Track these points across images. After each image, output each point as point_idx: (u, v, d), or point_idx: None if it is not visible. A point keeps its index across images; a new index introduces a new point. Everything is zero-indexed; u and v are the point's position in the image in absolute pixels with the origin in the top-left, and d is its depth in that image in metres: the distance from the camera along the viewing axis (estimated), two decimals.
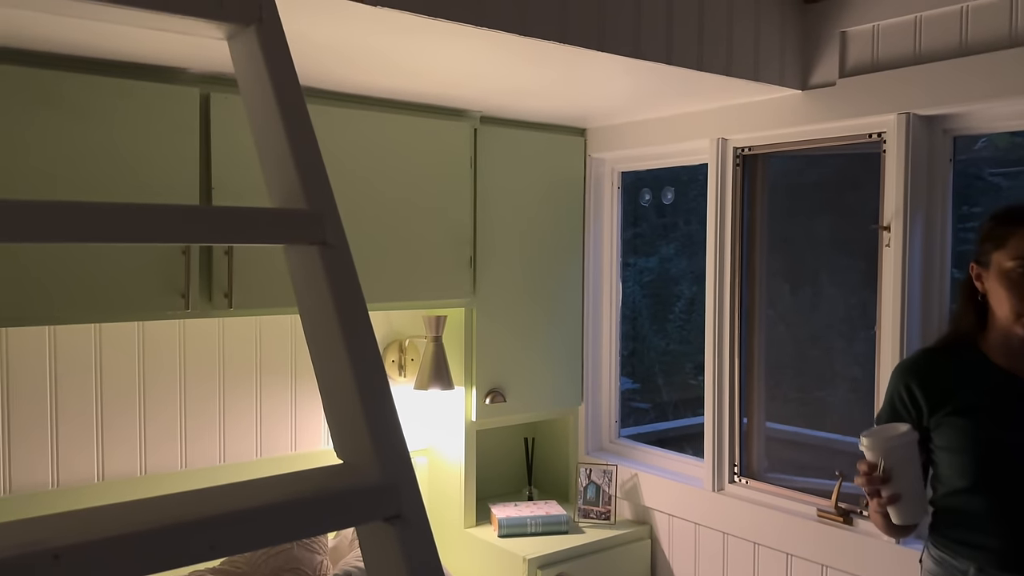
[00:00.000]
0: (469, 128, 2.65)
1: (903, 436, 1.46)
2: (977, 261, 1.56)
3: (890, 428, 1.51)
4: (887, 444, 1.45)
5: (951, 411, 1.54)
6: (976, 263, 1.56)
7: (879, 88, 2.14)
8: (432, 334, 2.67)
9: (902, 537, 1.73)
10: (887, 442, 1.45)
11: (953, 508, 1.57)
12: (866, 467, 1.47)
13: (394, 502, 0.79)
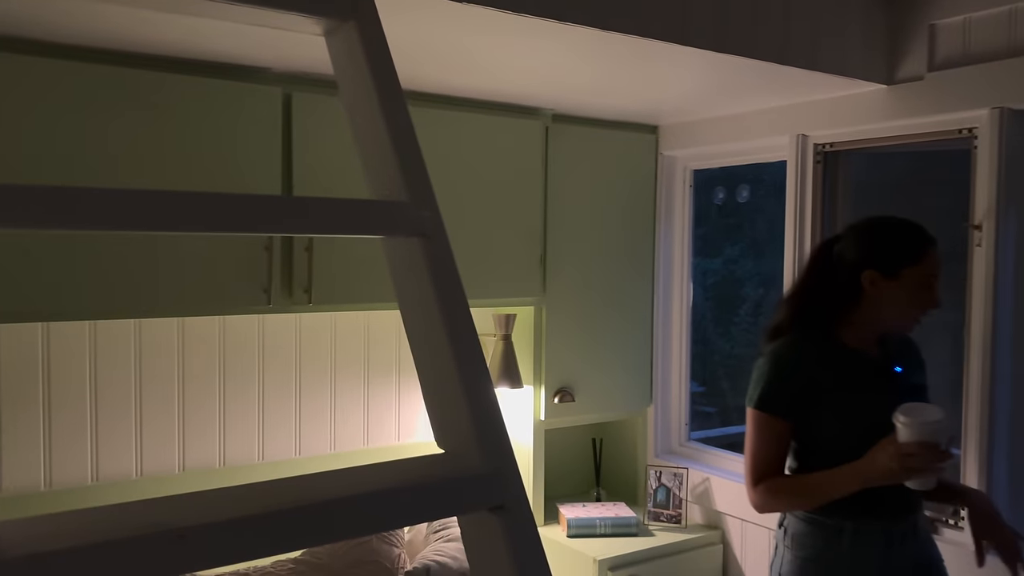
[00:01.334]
0: (541, 126, 2.64)
1: (944, 420, 1.60)
2: (879, 270, 1.72)
3: (929, 411, 1.62)
4: (933, 427, 1.58)
5: (834, 393, 1.72)
6: (876, 271, 1.72)
7: (970, 82, 2.06)
8: (501, 332, 2.67)
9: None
10: (933, 426, 1.58)
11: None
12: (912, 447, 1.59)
13: (498, 491, 0.78)
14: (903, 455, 1.57)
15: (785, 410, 1.75)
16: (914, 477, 1.61)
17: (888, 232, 1.76)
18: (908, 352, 1.88)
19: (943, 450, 1.58)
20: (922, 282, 1.72)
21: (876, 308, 1.75)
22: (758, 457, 1.76)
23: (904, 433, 1.59)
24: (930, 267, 1.72)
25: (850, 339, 1.79)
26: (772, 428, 1.76)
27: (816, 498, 1.72)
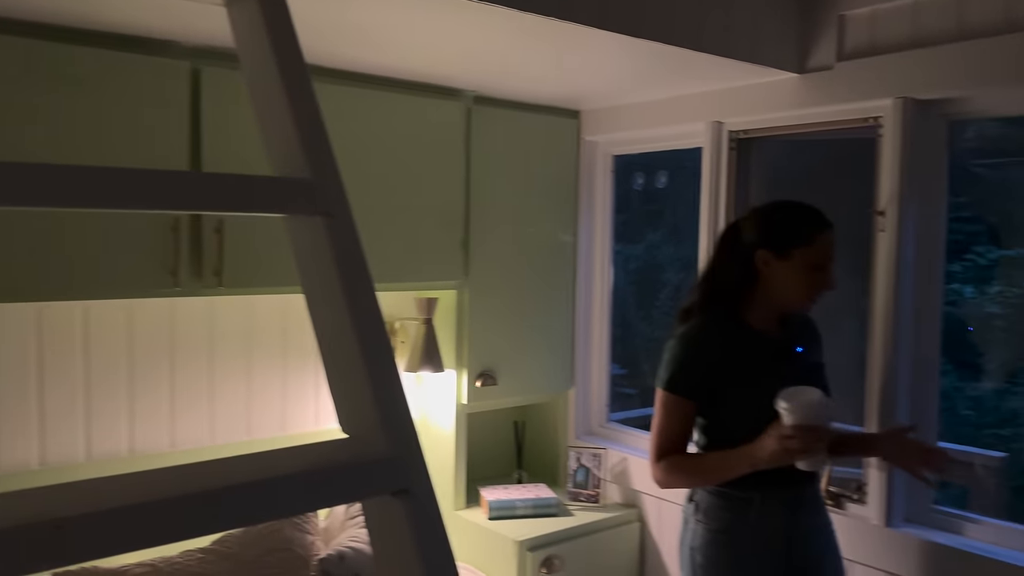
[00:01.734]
0: (463, 108, 2.62)
1: (822, 401, 1.68)
2: (771, 250, 1.79)
3: (807, 394, 1.68)
4: (813, 409, 1.66)
5: (739, 375, 1.80)
6: (769, 251, 1.79)
7: (877, 72, 2.13)
8: (423, 316, 2.65)
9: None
10: (812, 408, 1.66)
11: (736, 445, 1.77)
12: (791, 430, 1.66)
13: (402, 476, 0.77)
14: (784, 438, 1.65)
15: (691, 392, 1.82)
16: (800, 458, 1.68)
17: (783, 214, 1.84)
18: (808, 331, 1.97)
19: (823, 429, 1.65)
20: (814, 263, 1.78)
21: (771, 288, 1.83)
22: (663, 435, 1.84)
23: (786, 417, 1.66)
24: (822, 249, 1.79)
25: (754, 320, 1.86)
26: (679, 408, 1.83)
27: (711, 479, 1.81)
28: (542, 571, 2.53)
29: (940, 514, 2.13)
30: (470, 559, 2.66)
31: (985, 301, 4.62)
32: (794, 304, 1.85)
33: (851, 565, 2.20)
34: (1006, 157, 4.59)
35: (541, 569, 2.53)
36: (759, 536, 1.81)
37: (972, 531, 2.05)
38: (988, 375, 4.52)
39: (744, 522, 1.80)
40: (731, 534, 1.82)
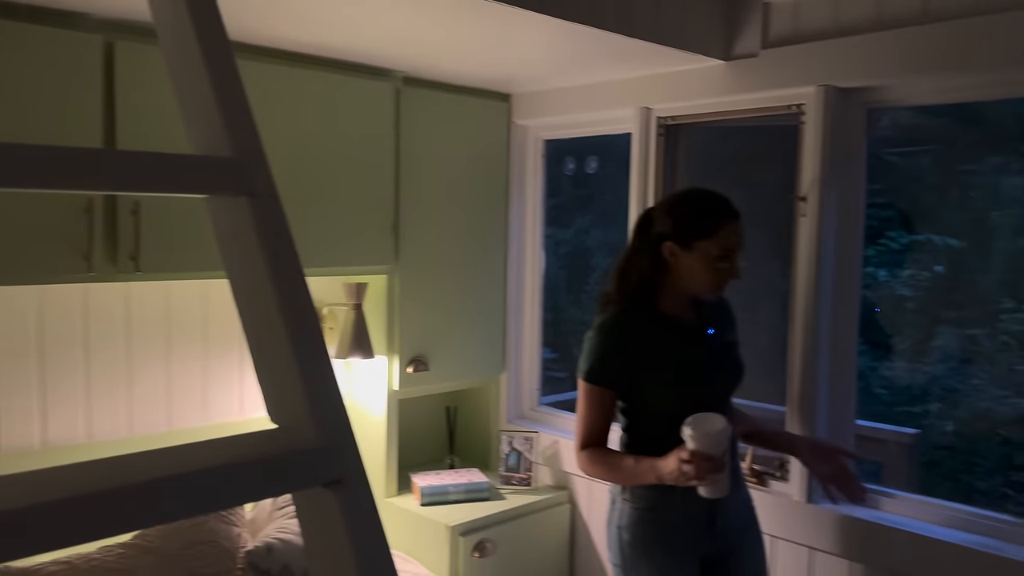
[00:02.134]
0: (391, 89, 2.57)
1: (724, 431, 1.70)
2: (676, 241, 1.83)
3: (711, 421, 1.71)
4: (712, 438, 1.68)
5: (658, 363, 1.85)
6: (674, 243, 1.83)
7: (800, 60, 2.18)
8: (352, 302, 2.60)
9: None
10: (711, 437, 1.68)
11: (659, 438, 1.80)
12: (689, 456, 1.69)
13: (335, 466, 0.75)
14: (683, 462, 1.69)
15: (610, 382, 1.86)
16: (696, 485, 1.72)
17: (687, 206, 1.87)
18: (721, 313, 2.03)
19: (719, 460, 1.68)
20: (717, 254, 1.81)
21: (679, 277, 1.87)
22: (584, 424, 1.88)
23: (688, 443, 1.70)
24: (725, 240, 1.81)
25: (667, 306, 1.90)
26: (599, 398, 1.87)
27: (622, 479, 1.87)
28: (474, 555, 2.53)
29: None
30: (402, 546, 2.64)
31: (897, 284, 4.83)
32: (702, 292, 1.89)
33: (775, 541, 2.27)
34: (917, 146, 4.79)
35: (473, 553, 2.53)
36: (684, 513, 1.85)
37: (887, 505, 2.14)
38: (900, 355, 4.73)
39: (670, 499, 1.84)
40: (657, 511, 1.86)
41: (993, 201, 4.52)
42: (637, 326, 1.87)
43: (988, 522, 1.97)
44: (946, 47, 1.92)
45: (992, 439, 4.18)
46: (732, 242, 1.82)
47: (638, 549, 1.87)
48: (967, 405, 4.37)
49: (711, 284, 1.85)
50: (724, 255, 1.82)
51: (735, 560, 1.94)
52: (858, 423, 2.28)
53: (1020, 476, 3.84)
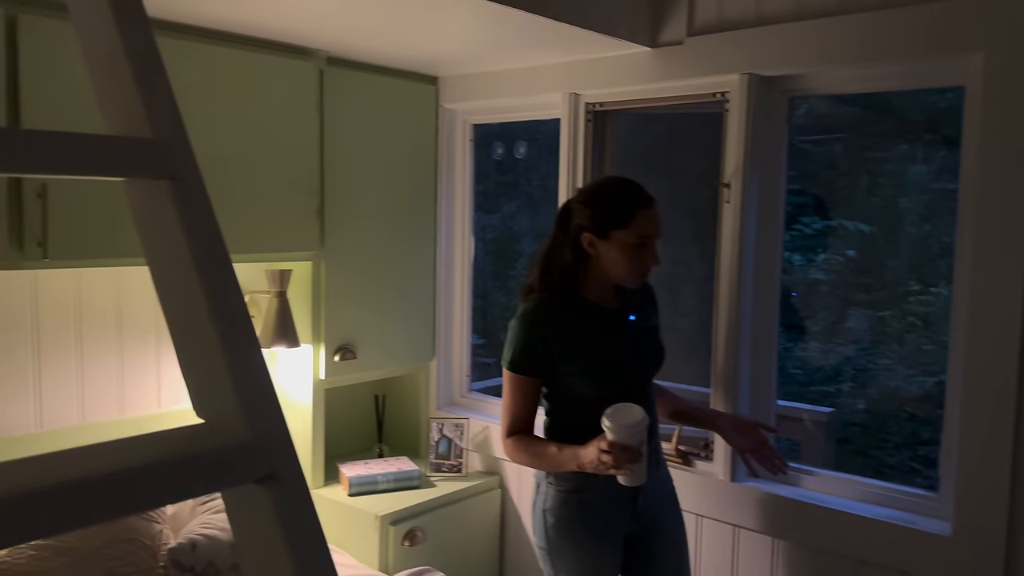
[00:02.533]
0: (315, 69, 2.50)
1: (642, 422, 1.73)
2: (593, 232, 1.85)
3: (629, 413, 1.74)
4: (630, 430, 1.71)
5: (580, 350, 1.87)
6: (592, 234, 1.85)
7: (724, 48, 2.22)
8: (276, 289, 2.53)
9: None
10: (629, 428, 1.71)
11: (583, 422, 1.83)
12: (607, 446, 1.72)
13: (267, 462, 0.72)
14: (602, 451, 1.72)
15: (533, 370, 1.88)
16: (615, 474, 1.75)
17: (602, 195, 1.89)
18: (643, 297, 2.05)
19: (636, 451, 1.72)
20: (634, 242, 1.84)
21: (600, 266, 1.89)
22: (510, 412, 1.91)
23: (607, 433, 1.73)
24: (640, 228, 1.83)
25: (590, 294, 1.93)
26: (523, 386, 1.90)
27: (546, 466, 1.89)
28: (404, 544, 2.51)
29: None
30: (330, 537, 2.60)
31: (811, 268, 5.01)
32: (623, 280, 1.90)
33: (700, 519, 2.33)
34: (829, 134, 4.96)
35: (403, 542, 2.51)
36: (607, 494, 1.88)
37: (807, 482, 2.21)
38: (814, 336, 4.91)
39: (593, 481, 1.86)
40: (580, 493, 1.89)
41: (900, 188, 4.73)
42: (558, 314, 1.89)
43: (900, 496, 2.06)
44: (860, 38, 1.98)
45: (900, 416, 4.40)
46: (648, 229, 1.84)
47: (562, 531, 1.90)
48: (877, 384, 4.57)
49: (631, 272, 1.87)
50: (641, 242, 1.84)
51: (656, 535, 1.99)
52: (778, 403, 2.35)
53: (926, 451, 4.05)
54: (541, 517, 1.93)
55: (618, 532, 1.94)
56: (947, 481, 1.96)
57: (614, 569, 1.96)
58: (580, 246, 1.88)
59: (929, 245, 4.59)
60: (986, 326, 1.82)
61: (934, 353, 4.32)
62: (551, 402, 1.96)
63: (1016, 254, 1.77)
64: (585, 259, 1.90)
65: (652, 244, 1.86)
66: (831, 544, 2.09)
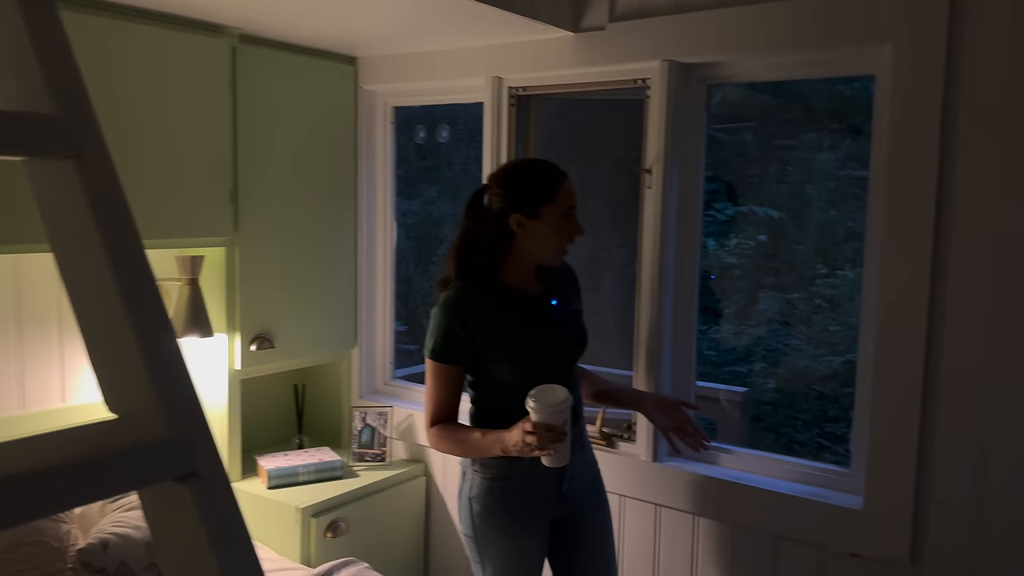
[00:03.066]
0: (227, 46, 2.40)
1: (565, 402, 1.74)
2: (522, 212, 1.85)
3: (553, 393, 1.75)
4: (554, 410, 1.72)
5: (500, 336, 1.87)
6: (520, 214, 1.85)
7: (645, 34, 2.23)
8: (187, 276, 2.42)
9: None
10: (553, 408, 1.72)
11: (507, 408, 1.84)
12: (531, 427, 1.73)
13: (188, 459, 0.68)
14: (527, 433, 1.73)
15: (454, 358, 1.88)
16: (539, 456, 1.75)
17: (523, 176, 1.91)
18: (565, 281, 2.06)
19: (560, 431, 1.73)
20: (561, 215, 1.87)
21: (528, 247, 1.90)
22: (432, 401, 1.90)
23: (532, 415, 1.74)
24: (565, 199, 1.88)
25: (512, 279, 1.93)
26: (444, 375, 1.89)
27: (470, 453, 1.89)
28: (327, 536, 2.46)
29: None
30: (251, 532, 2.52)
31: (724, 253, 5.15)
32: (550, 258, 1.92)
33: (623, 500, 2.37)
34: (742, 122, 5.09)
35: (326, 534, 2.46)
36: (533, 479, 1.89)
37: (725, 460, 2.28)
38: (727, 318, 5.06)
39: (519, 467, 1.87)
40: (506, 480, 1.89)
41: (808, 175, 4.90)
42: (479, 301, 1.88)
43: (814, 472, 2.14)
44: (776, 26, 2.02)
45: (809, 395, 4.58)
46: (571, 200, 1.89)
47: (487, 518, 1.90)
48: (787, 364, 4.75)
49: (559, 247, 1.90)
50: (567, 214, 1.88)
51: (580, 520, 2.00)
52: (700, 384, 2.41)
53: (834, 428, 4.24)
54: (467, 505, 1.92)
55: (543, 518, 1.95)
56: (858, 457, 2.04)
57: (539, 555, 1.97)
58: (506, 230, 1.88)
59: (835, 230, 4.78)
60: (895, 308, 1.90)
61: (840, 333, 4.51)
62: (475, 390, 1.95)
63: (923, 238, 1.86)
64: (507, 244, 1.89)
65: (575, 215, 1.90)
66: (749, 520, 2.15)
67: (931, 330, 1.87)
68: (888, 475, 1.93)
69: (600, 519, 2.07)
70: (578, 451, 1.94)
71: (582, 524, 2.01)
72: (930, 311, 1.86)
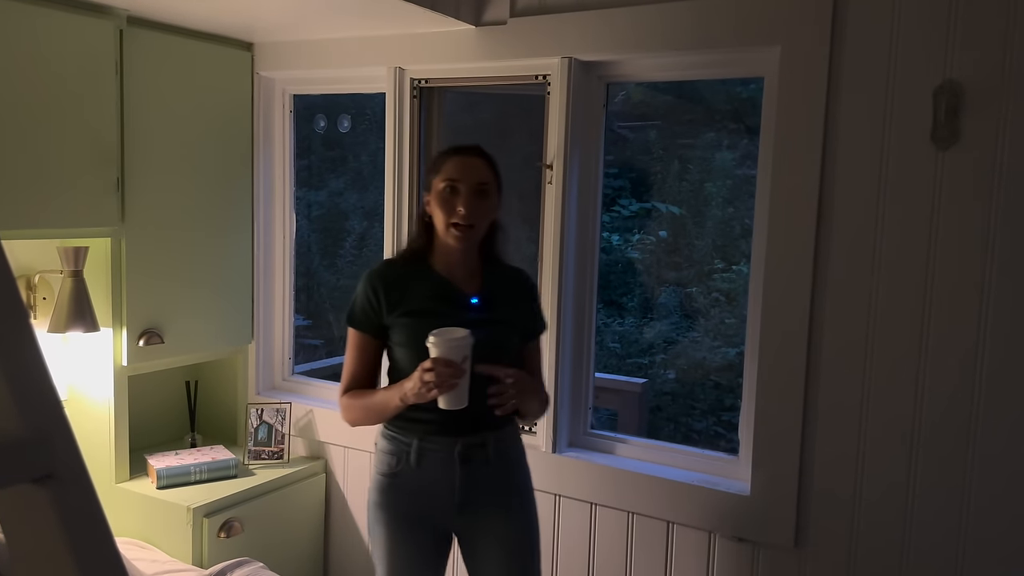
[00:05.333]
0: (113, 28, 2.28)
1: (465, 338, 1.69)
2: (426, 189, 1.85)
3: (453, 331, 1.71)
4: (452, 343, 1.68)
5: (403, 312, 1.82)
6: (426, 191, 1.85)
7: (545, 31, 2.25)
8: (70, 268, 2.30)
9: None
10: (452, 342, 1.68)
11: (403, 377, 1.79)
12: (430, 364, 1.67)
13: (44, 459, 0.65)
14: (424, 371, 1.67)
15: (364, 326, 1.85)
16: (439, 394, 1.68)
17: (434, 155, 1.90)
18: (510, 288, 1.92)
19: (459, 367, 1.66)
20: (442, 188, 1.78)
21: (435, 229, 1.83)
22: (346, 370, 1.88)
23: (431, 351, 1.69)
24: (446, 171, 1.79)
25: (437, 264, 1.86)
26: (358, 342, 1.87)
27: (373, 415, 1.84)
28: (220, 536, 2.39)
29: (596, 437, 2.39)
30: (139, 533, 2.43)
31: (627, 248, 5.26)
32: (444, 237, 1.81)
33: None
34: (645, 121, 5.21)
35: (219, 534, 2.39)
36: (422, 484, 1.81)
37: (621, 450, 2.33)
38: (630, 312, 5.17)
39: (405, 468, 1.82)
40: (395, 479, 1.83)
41: (707, 173, 5.06)
42: (396, 276, 1.85)
43: (705, 460, 2.22)
44: (670, 27, 2.07)
45: (707, 384, 4.74)
46: (452, 172, 1.78)
47: (375, 512, 1.86)
48: (686, 355, 4.89)
49: (444, 224, 1.79)
50: (449, 187, 1.78)
51: (482, 530, 1.87)
52: (597, 375, 2.45)
53: (729, 416, 4.40)
54: (368, 496, 1.90)
55: (431, 523, 1.85)
56: (745, 446, 2.13)
57: (424, 559, 1.87)
58: (424, 212, 1.86)
59: (732, 227, 4.95)
60: (778, 302, 1.99)
61: (735, 326, 4.68)
62: (388, 375, 1.89)
63: (805, 235, 1.94)
64: (431, 228, 1.85)
65: (461, 192, 1.78)
66: (644, 507, 2.21)
67: (812, 324, 1.96)
68: (773, 463, 2.02)
69: (504, 536, 1.87)
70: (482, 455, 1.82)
71: (484, 536, 1.87)
72: (811, 306, 1.95)
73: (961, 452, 1.83)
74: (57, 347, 2.48)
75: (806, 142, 1.93)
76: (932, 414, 1.85)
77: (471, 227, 1.79)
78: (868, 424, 1.92)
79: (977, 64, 1.75)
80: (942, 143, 1.79)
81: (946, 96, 1.77)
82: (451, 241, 1.80)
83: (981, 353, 1.80)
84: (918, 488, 1.88)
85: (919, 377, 1.86)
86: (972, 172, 1.77)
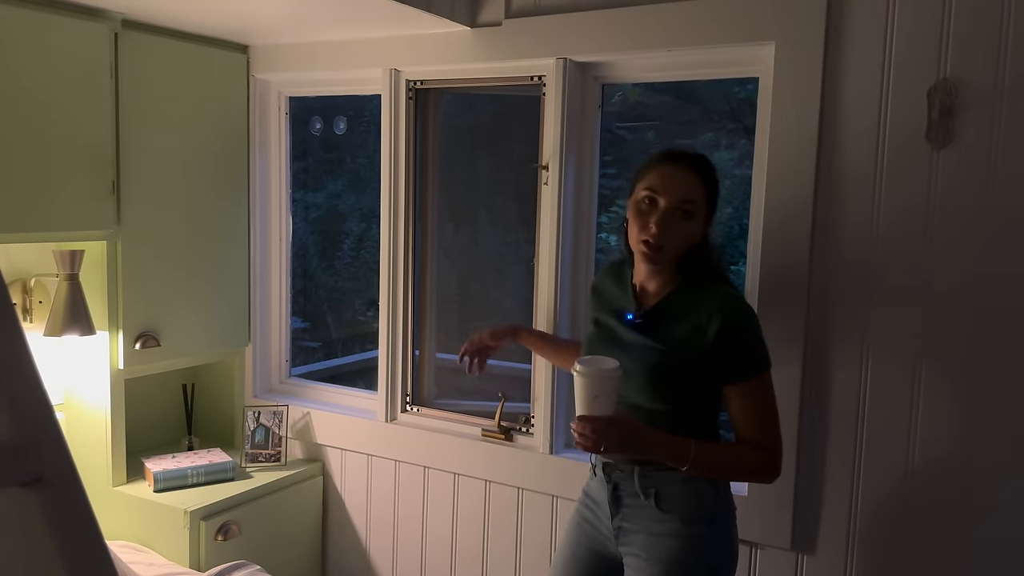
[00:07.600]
0: (108, 32, 2.28)
1: (605, 372, 1.53)
2: (629, 192, 1.71)
3: (601, 362, 1.56)
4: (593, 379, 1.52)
5: (594, 316, 1.83)
6: (628, 195, 1.71)
7: (540, 32, 2.25)
8: (66, 271, 2.30)
9: None
10: (592, 376, 1.52)
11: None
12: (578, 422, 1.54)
13: (34, 463, 0.65)
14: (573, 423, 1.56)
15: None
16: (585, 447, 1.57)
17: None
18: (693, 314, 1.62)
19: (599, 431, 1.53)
20: (644, 198, 1.62)
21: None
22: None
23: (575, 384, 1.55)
24: (651, 181, 1.61)
25: (637, 275, 1.73)
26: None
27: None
28: (218, 539, 2.39)
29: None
30: (136, 536, 2.42)
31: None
32: (636, 249, 1.65)
33: (521, 492, 2.39)
34: (643, 121, 5.21)
35: (217, 537, 2.38)
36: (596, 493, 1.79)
37: None
38: None
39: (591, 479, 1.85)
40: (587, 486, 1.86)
41: None
42: (610, 274, 1.85)
43: None
44: (663, 28, 2.07)
45: None
46: (651, 182, 1.60)
47: None
48: None
49: (635, 236, 1.62)
50: (646, 198, 1.61)
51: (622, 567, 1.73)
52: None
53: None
54: None
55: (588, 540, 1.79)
56: None
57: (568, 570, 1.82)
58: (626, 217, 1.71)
59: (731, 227, 4.96)
60: (775, 302, 1.99)
61: None
62: None
63: (800, 235, 1.94)
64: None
65: (659, 207, 1.59)
66: None
67: (808, 324, 1.96)
68: None
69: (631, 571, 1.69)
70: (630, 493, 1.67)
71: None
72: (808, 306, 1.95)
73: (961, 452, 1.83)
74: (53, 350, 2.48)
75: (800, 141, 1.93)
76: (932, 414, 1.85)
77: (660, 248, 1.60)
78: (866, 424, 1.92)
79: (971, 64, 1.75)
80: (936, 142, 1.79)
81: (940, 95, 1.77)
82: (638, 257, 1.66)
83: (978, 351, 1.80)
84: (918, 488, 1.88)
85: (918, 377, 1.86)
86: (966, 171, 1.78)
